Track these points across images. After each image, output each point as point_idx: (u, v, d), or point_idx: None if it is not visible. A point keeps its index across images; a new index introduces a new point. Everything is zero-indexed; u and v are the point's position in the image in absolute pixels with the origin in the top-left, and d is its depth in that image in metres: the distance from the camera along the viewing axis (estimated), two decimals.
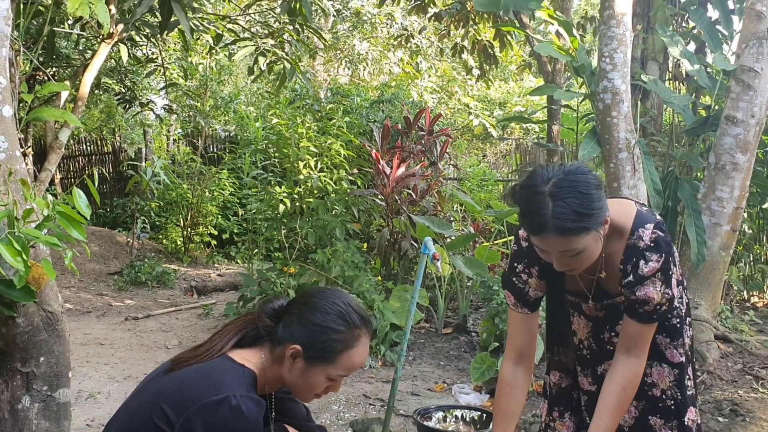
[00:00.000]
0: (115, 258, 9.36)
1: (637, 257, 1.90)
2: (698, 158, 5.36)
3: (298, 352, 1.73)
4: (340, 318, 1.75)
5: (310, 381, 1.76)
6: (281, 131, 7.09)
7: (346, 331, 1.75)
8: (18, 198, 2.07)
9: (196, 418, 1.60)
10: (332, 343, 1.73)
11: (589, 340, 2.17)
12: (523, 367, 2.13)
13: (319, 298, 1.79)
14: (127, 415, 1.72)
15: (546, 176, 1.79)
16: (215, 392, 1.62)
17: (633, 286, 1.91)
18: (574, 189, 1.75)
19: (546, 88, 6.51)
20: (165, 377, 1.75)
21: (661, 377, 2.09)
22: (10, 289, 2.02)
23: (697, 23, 5.98)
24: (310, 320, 1.74)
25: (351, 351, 1.75)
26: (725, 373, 4.53)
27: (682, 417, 2.08)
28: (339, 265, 5.63)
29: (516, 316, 2.14)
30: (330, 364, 1.74)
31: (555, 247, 1.80)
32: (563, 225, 1.73)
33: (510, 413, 2.12)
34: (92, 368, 4.92)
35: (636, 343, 1.96)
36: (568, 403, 2.26)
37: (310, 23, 5.62)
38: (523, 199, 1.83)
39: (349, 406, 4.29)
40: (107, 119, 13.06)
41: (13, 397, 2.22)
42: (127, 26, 4.39)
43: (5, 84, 2.16)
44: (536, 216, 1.76)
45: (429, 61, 14.94)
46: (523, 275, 2.09)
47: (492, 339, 4.89)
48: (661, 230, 1.92)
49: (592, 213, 1.76)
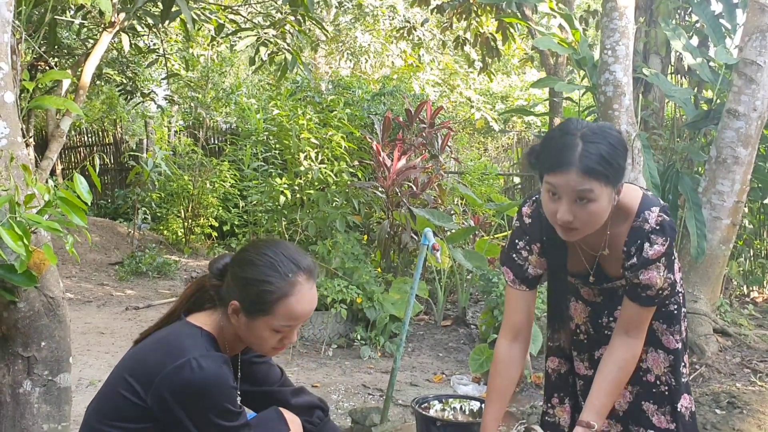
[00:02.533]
0: (116, 248, 9.37)
1: (641, 239, 1.90)
2: (699, 152, 5.35)
3: (238, 308, 1.72)
4: (269, 269, 1.71)
5: (257, 334, 1.74)
6: (282, 123, 7.10)
7: (278, 281, 1.70)
8: (19, 183, 2.07)
9: (162, 388, 1.62)
10: (264, 294, 1.70)
11: (587, 325, 2.18)
12: (519, 345, 2.11)
13: (250, 252, 1.77)
14: (100, 394, 1.76)
15: (580, 124, 1.83)
16: (175, 358, 1.63)
17: (637, 269, 1.91)
18: (605, 139, 1.78)
19: (548, 81, 6.50)
20: (129, 351, 1.79)
21: (656, 363, 2.09)
22: (11, 273, 2.03)
23: (700, 16, 5.96)
24: (241, 275, 1.73)
25: (287, 300, 1.71)
26: (723, 367, 4.54)
27: (676, 403, 2.08)
28: (339, 257, 5.64)
29: (514, 294, 2.12)
30: (268, 315, 1.71)
31: (572, 185, 1.76)
32: (589, 164, 1.74)
33: (503, 390, 2.12)
34: (93, 357, 4.94)
35: (635, 326, 1.97)
36: (567, 389, 2.26)
37: (312, 14, 5.61)
38: (552, 139, 1.84)
39: (348, 395, 4.31)
40: (108, 110, 13.08)
41: (14, 382, 2.23)
42: (129, 15, 4.40)
43: (7, 70, 2.16)
44: (564, 152, 1.77)
45: (431, 54, 14.92)
46: (524, 252, 2.08)
47: (491, 331, 4.90)
48: (667, 214, 1.92)
49: (616, 166, 1.78)
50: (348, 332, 5.51)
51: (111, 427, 1.66)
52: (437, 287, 6.18)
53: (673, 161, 5.51)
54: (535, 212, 2.06)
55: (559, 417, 2.25)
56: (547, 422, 2.27)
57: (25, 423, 2.24)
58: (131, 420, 1.65)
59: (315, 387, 4.41)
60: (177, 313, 1.82)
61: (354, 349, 5.32)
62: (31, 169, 2.17)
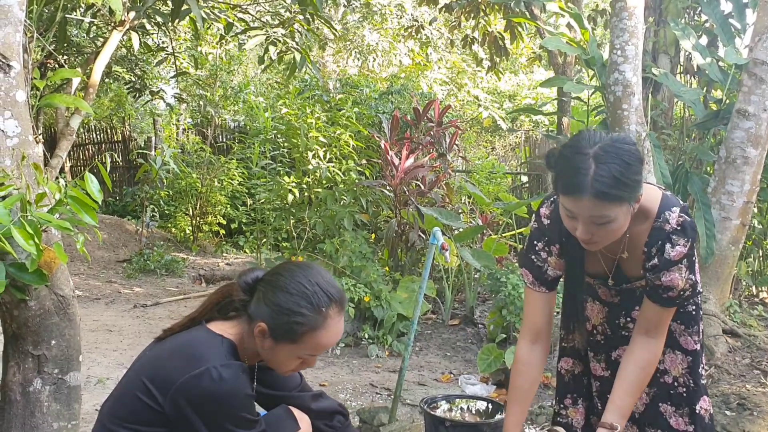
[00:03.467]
0: (124, 246, 9.41)
1: (662, 240, 1.88)
2: (709, 152, 5.33)
3: (265, 331, 1.72)
4: (304, 300, 1.70)
5: (279, 358, 1.76)
6: (290, 121, 7.11)
7: (310, 314, 1.70)
8: (31, 182, 2.08)
9: (180, 395, 1.61)
10: (295, 325, 1.70)
11: (604, 326, 2.15)
12: (539, 346, 2.10)
13: (285, 277, 1.75)
14: (116, 396, 1.75)
15: (593, 140, 1.77)
16: (195, 366, 1.63)
17: (658, 271, 1.89)
18: (619, 156, 1.73)
19: (556, 80, 6.48)
20: (147, 352, 1.79)
21: (674, 364, 2.08)
22: (22, 272, 2.04)
23: (709, 16, 5.94)
24: (274, 300, 1.71)
25: (317, 332, 1.72)
26: (733, 368, 4.53)
27: (694, 405, 2.06)
28: (347, 256, 5.64)
29: (533, 295, 2.11)
30: (295, 344, 1.72)
31: (587, 210, 1.75)
32: (602, 189, 1.70)
33: (525, 392, 2.10)
34: (101, 354, 4.96)
35: (655, 326, 1.95)
36: (581, 390, 2.24)
37: (321, 13, 5.62)
38: (565, 158, 1.79)
39: (356, 394, 4.31)
40: (117, 108, 13.11)
41: (24, 380, 2.24)
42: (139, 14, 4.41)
43: (18, 69, 2.17)
44: (577, 176, 1.73)
45: (439, 53, 14.90)
46: (543, 253, 2.06)
47: (499, 331, 4.90)
48: (687, 214, 1.89)
49: (631, 184, 1.74)
50: (355, 331, 5.51)
51: (125, 428, 1.66)
52: (445, 286, 6.17)
53: (682, 161, 5.49)
54: (554, 213, 2.03)
55: (571, 418, 2.24)
56: (560, 423, 2.26)
57: (35, 421, 2.25)
58: (146, 423, 1.65)
59: (323, 386, 4.42)
60: (199, 319, 1.81)
61: (361, 348, 5.32)
62: (42, 168, 2.17)
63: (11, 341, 2.26)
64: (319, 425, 2.04)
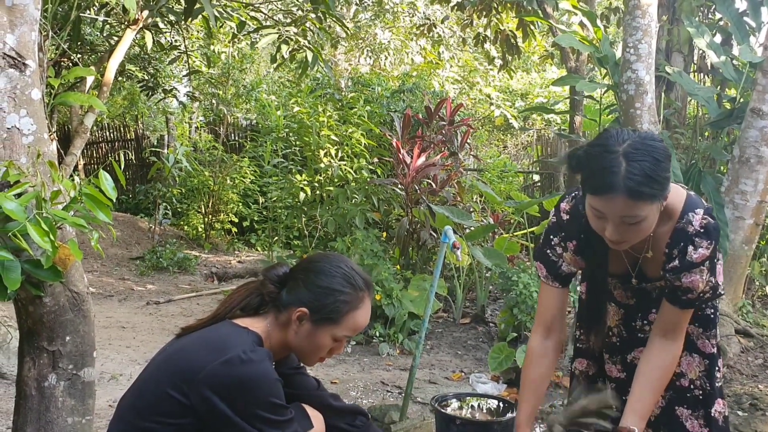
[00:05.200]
0: (137, 243, 9.47)
1: (685, 242, 1.85)
2: (722, 151, 5.30)
3: (305, 315, 1.77)
4: (345, 280, 1.81)
5: (317, 342, 1.80)
6: (302, 120, 7.13)
7: (352, 292, 1.80)
8: (46, 180, 2.10)
9: (206, 386, 1.60)
10: (339, 304, 1.78)
11: (620, 328, 2.12)
12: (552, 340, 2.08)
13: (324, 263, 1.85)
14: (137, 389, 1.75)
15: (621, 137, 1.73)
16: (221, 354, 1.63)
17: (679, 272, 1.86)
18: (650, 154, 1.69)
19: (568, 79, 6.47)
20: (170, 348, 1.79)
21: (691, 367, 2.05)
22: (37, 268, 2.05)
23: (723, 14, 5.90)
24: (317, 283, 1.79)
25: (356, 312, 1.81)
26: (745, 368, 4.51)
27: (709, 408, 2.04)
28: (358, 254, 5.65)
29: (546, 290, 2.09)
30: (336, 324, 1.79)
31: (618, 210, 1.70)
32: (635, 187, 1.66)
33: (537, 385, 2.08)
34: (114, 351, 5.00)
35: (673, 328, 1.93)
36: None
37: (333, 11, 5.63)
38: (593, 157, 1.74)
39: (366, 392, 4.32)
40: (130, 106, 13.19)
41: (39, 375, 2.26)
42: (152, 12, 4.43)
43: (34, 67, 2.19)
44: (607, 175, 1.68)
45: (451, 51, 14.88)
46: (558, 248, 2.04)
47: (510, 329, 4.90)
48: (711, 216, 1.86)
49: (662, 181, 1.70)
50: (367, 329, 5.52)
51: (149, 421, 1.65)
52: (456, 285, 6.17)
53: (695, 160, 5.46)
54: (574, 209, 2.00)
55: None
56: None
57: (49, 416, 2.27)
58: (171, 415, 1.64)
59: (334, 383, 4.43)
60: (222, 316, 1.82)
61: (373, 346, 5.33)
62: (57, 166, 2.19)
63: (26, 337, 2.28)
64: (341, 425, 2.04)
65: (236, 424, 1.61)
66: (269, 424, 1.64)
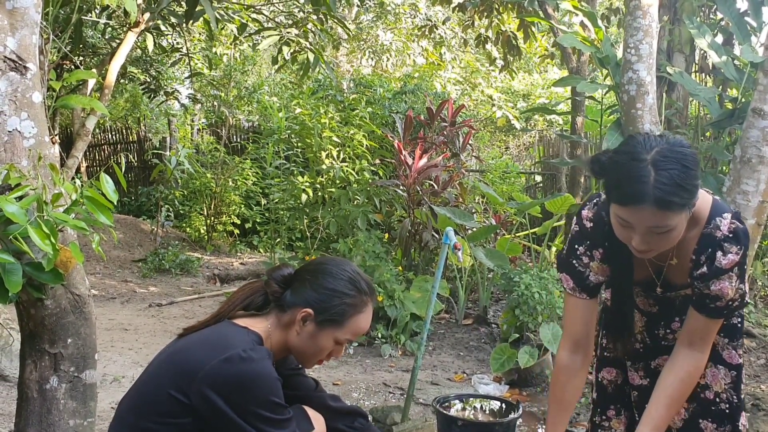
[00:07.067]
0: (140, 245, 9.48)
1: (713, 248, 1.78)
2: (724, 151, 5.29)
3: (310, 316, 1.79)
4: (350, 283, 1.83)
5: (318, 344, 1.81)
6: (304, 121, 7.13)
7: (356, 296, 1.82)
8: (47, 182, 2.11)
9: (206, 384, 1.60)
10: (344, 307, 1.80)
11: (643, 335, 2.06)
12: (581, 355, 2.00)
13: (330, 265, 1.87)
14: (137, 390, 1.75)
15: (649, 144, 1.65)
16: (221, 352, 1.63)
17: (708, 279, 1.79)
18: (679, 161, 1.62)
19: (570, 80, 6.46)
20: (171, 348, 1.79)
21: (716, 379, 1.98)
22: (38, 271, 2.06)
23: (725, 14, 5.88)
24: (323, 285, 1.81)
25: (359, 315, 1.83)
26: (748, 368, 4.50)
27: (737, 422, 1.97)
28: (360, 255, 5.65)
29: (573, 302, 2.00)
30: (339, 327, 1.81)
31: (647, 221, 1.64)
32: (664, 197, 1.59)
33: (567, 403, 2.01)
34: (117, 353, 5.00)
35: (700, 337, 1.86)
36: (624, 400, 2.15)
37: (334, 13, 5.63)
38: (620, 165, 1.67)
39: (368, 393, 4.33)
40: (132, 108, 13.20)
41: (41, 377, 2.26)
42: (154, 15, 4.44)
43: (35, 70, 2.20)
44: (635, 184, 1.61)
45: (452, 52, 14.88)
46: (584, 258, 1.96)
47: (512, 330, 4.90)
48: (740, 221, 1.79)
49: (692, 189, 1.64)
50: (369, 330, 5.52)
51: (150, 422, 1.65)
52: (458, 286, 6.17)
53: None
54: (597, 216, 1.93)
55: (615, 429, 2.16)
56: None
57: (51, 418, 2.27)
58: (171, 415, 1.64)
59: (336, 385, 4.44)
60: (223, 315, 1.83)
61: (375, 348, 5.34)
62: (58, 168, 2.20)
63: (28, 339, 2.28)
64: (340, 426, 2.04)
65: (235, 422, 1.61)
66: (268, 422, 1.64)
